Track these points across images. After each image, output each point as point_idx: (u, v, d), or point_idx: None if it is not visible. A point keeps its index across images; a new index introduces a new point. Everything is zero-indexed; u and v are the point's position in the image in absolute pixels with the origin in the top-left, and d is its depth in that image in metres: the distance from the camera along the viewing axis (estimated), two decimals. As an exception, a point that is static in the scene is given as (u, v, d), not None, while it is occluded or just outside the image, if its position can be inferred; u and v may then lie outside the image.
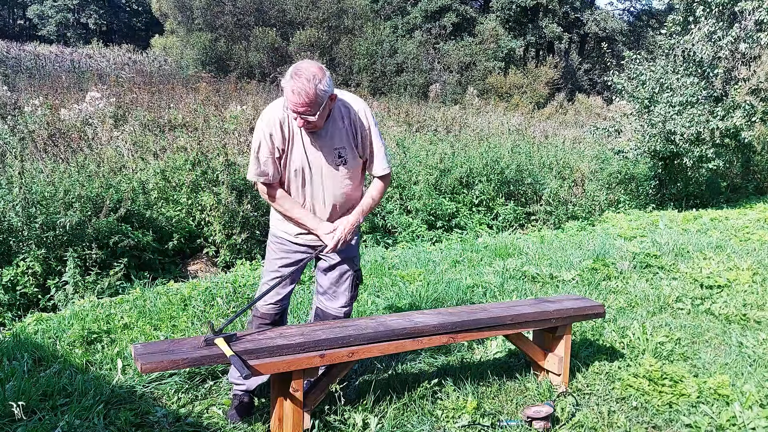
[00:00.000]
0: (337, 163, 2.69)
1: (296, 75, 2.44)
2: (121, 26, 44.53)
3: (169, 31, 30.53)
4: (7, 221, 5.05)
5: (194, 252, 6.56)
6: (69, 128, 8.70)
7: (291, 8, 25.69)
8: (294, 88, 2.43)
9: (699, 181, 11.23)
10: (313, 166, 2.68)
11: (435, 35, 28.62)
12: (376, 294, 4.63)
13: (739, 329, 4.16)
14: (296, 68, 2.48)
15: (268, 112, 2.65)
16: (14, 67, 17.28)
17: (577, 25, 35.76)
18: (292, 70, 2.48)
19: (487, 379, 3.21)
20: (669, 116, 9.80)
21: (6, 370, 3.03)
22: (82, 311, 4.10)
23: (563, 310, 3.14)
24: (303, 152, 2.66)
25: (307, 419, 2.56)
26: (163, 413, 2.78)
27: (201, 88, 14.20)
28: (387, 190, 2.96)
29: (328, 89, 2.48)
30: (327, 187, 2.73)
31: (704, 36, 9.87)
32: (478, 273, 5.32)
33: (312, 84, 2.42)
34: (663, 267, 5.54)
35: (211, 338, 2.40)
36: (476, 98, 21.36)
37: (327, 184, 2.72)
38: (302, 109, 2.45)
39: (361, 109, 2.72)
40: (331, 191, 2.74)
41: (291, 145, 2.66)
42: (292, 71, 2.47)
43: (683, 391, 3.08)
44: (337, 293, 2.95)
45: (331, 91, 2.51)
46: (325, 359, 2.53)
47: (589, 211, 9.48)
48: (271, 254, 2.90)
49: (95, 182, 6.07)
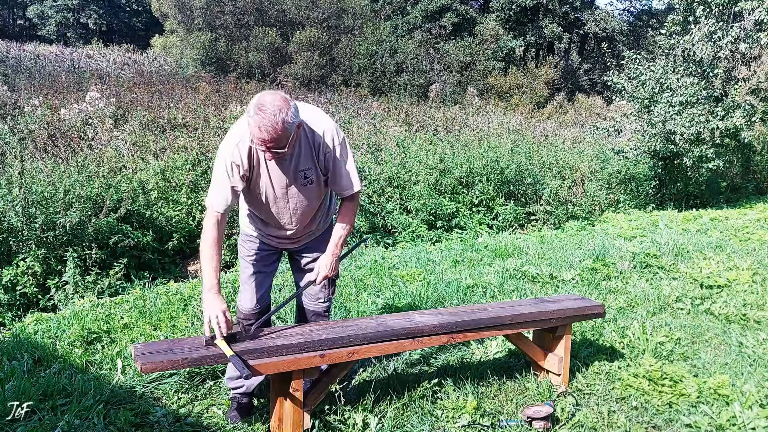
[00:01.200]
0: (303, 183, 2.63)
1: (260, 110, 2.31)
2: (121, 26, 44.52)
3: (169, 31, 30.52)
4: (7, 221, 5.04)
5: (194, 252, 6.56)
6: (69, 128, 8.70)
7: (291, 8, 25.68)
8: (260, 124, 2.31)
9: (699, 181, 11.22)
10: (277, 189, 2.63)
11: (435, 35, 28.60)
12: (376, 294, 4.63)
13: (739, 329, 4.16)
14: (259, 102, 2.34)
15: (230, 141, 2.54)
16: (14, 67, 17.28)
17: (577, 25, 35.75)
18: (255, 103, 2.34)
19: (487, 379, 3.21)
20: (669, 116, 9.80)
21: (6, 370, 3.03)
22: (82, 311, 4.10)
23: (563, 310, 3.14)
24: (267, 177, 2.60)
25: (307, 419, 2.56)
26: (163, 413, 2.78)
27: (201, 88, 14.21)
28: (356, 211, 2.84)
29: (295, 120, 2.37)
30: (292, 206, 2.70)
31: (704, 36, 9.86)
32: (478, 273, 5.32)
33: (279, 118, 2.30)
34: (663, 267, 5.53)
35: (210, 338, 2.41)
36: (476, 98, 21.35)
37: (292, 204, 2.69)
38: (270, 144, 2.35)
39: (328, 129, 2.60)
40: (298, 208, 2.71)
41: (257, 171, 2.59)
42: (255, 105, 2.33)
43: (683, 391, 3.08)
44: (314, 290, 2.96)
45: (297, 121, 2.40)
46: (325, 359, 2.53)
47: (589, 211, 9.48)
48: (243, 251, 2.92)
49: (95, 182, 6.07)
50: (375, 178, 7.96)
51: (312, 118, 2.60)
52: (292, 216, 2.73)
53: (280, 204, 2.68)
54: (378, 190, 7.88)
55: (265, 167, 2.58)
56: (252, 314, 2.89)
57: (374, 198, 7.72)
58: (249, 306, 2.89)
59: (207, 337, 2.40)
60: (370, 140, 9.69)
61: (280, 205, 2.69)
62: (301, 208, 2.72)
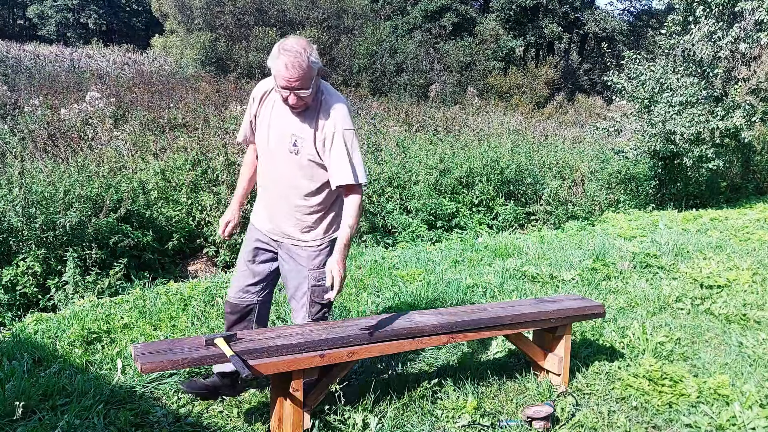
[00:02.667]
0: (290, 150, 2.60)
1: (285, 50, 2.41)
2: (120, 26, 44.53)
3: (169, 31, 30.51)
4: (7, 221, 5.04)
5: (194, 252, 6.56)
6: (69, 128, 8.71)
7: (291, 8, 25.68)
8: (287, 62, 2.39)
9: (699, 181, 11.22)
10: (272, 142, 2.65)
11: (435, 35, 28.60)
12: (376, 294, 4.63)
13: (739, 329, 4.16)
14: (283, 44, 2.44)
15: (260, 83, 2.75)
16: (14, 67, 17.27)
17: (577, 25, 35.77)
18: (279, 46, 2.44)
19: (487, 379, 3.21)
20: (669, 116, 9.79)
21: (6, 370, 3.03)
22: (82, 311, 4.10)
23: (563, 310, 3.14)
24: (268, 125, 2.66)
25: (307, 419, 2.56)
26: (163, 413, 2.78)
27: (201, 88, 14.21)
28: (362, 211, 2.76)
29: (318, 61, 2.48)
30: (280, 171, 2.65)
31: (704, 36, 9.86)
32: (478, 273, 5.32)
33: (304, 56, 2.41)
34: (663, 267, 5.53)
35: (211, 338, 2.41)
36: (476, 98, 21.33)
37: (280, 168, 2.64)
38: (296, 83, 2.42)
39: (341, 109, 2.59)
40: (284, 177, 2.65)
41: (265, 112, 2.68)
42: (279, 48, 2.44)
43: (683, 391, 3.08)
44: (296, 308, 2.83)
45: (320, 64, 2.49)
46: (325, 359, 2.53)
47: (589, 211, 9.48)
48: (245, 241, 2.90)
49: (95, 182, 6.06)
50: (375, 178, 7.96)
51: (332, 92, 2.67)
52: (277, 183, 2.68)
53: (268, 159, 2.69)
54: (378, 190, 7.88)
55: (269, 113, 2.66)
56: (237, 307, 2.85)
57: (374, 198, 7.72)
58: (230, 293, 2.88)
59: (207, 337, 2.41)
60: (370, 140, 9.68)
61: (268, 162, 2.69)
62: (287, 179, 2.65)
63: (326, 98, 2.61)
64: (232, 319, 2.87)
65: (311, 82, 2.45)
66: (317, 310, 2.79)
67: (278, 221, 2.74)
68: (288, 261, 2.78)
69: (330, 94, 2.63)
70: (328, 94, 2.63)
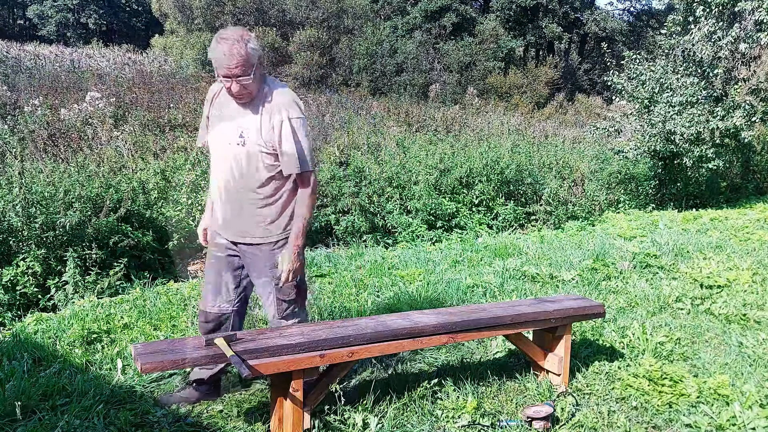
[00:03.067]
0: (237, 142, 2.61)
1: (223, 39, 2.45)
2: (120, 26, 44.51)
3: (169, 31, 30.49)
4: (7, 221, 5.04)
5: (194, 252, 6.56)
6: (69, 128, 8.71)
7: (291, 8, 25.67)
8: (225, 50, 2.43)
9: (699, 181, 11.22)
10: (221, 137, 2.66)
11: (435, 35, 28.59)
12: (376, 294, 4.63)
13: (739, 329, 4.16)
14: (221, 34, 2.48)
15: (212, 85, 2.77)
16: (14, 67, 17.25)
17: (577, 25, 35.76)
18: (217, 36, 2.49)
19: (487, 379, 3.21)
20: (669, 116, 9.79)
21: (6, 370, 3.03)
22: (82, 311, 4.10)
23: (563, 310, 3.14)
24: (219, 122, 2.68)
25: (307, 419, 2.56)
26: (163, 413, 2.78)
27: (201, 88, 14.19)
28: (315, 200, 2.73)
29: (258, 48, 2.50)
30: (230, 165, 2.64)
31: (704, 36, 9.86)
32: (478, 273, 5.32)
33: (242, 43, 2.44)
34: (663, 267, 5.53)
35: (211, 338, 2.41)
36: (476, 98, 21.33)
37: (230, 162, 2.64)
38: (236, 69, 2.44)
39: (288, 100, 2.61)
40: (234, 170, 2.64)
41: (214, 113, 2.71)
42: (217, 37, 2.48)
43: (683, 391, 3.08)
44: (265, 305, 2.84)
45: (260, 51, 2.51)
46: (325, 359, 2.53)
47: (589, 211, 9.48)
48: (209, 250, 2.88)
49: (95, 182, 6.06)
50: (375, 178, 7.96)
51: (280, 86, 2.67)
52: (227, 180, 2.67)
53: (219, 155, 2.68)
54: (378, 190, 7.88)
55: (219, 112, 2.68)
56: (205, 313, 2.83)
57: (374, 198, 7.72)
58: (203, 304, 2.86)
59: (207, 337, 2.41)
60: (370, 140, 9.68)
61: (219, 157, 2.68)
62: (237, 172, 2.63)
63: (271, 89, 2.63)
64: (208, 327, 2.83)
65: (252, 69, 2.48)
66: (285, 308, 2.78)
67: (235, 220, 2.73)
68: (250, 266, 2.79)
69: (275, 85, 2.66)
70: (273, 85, 2.66)
